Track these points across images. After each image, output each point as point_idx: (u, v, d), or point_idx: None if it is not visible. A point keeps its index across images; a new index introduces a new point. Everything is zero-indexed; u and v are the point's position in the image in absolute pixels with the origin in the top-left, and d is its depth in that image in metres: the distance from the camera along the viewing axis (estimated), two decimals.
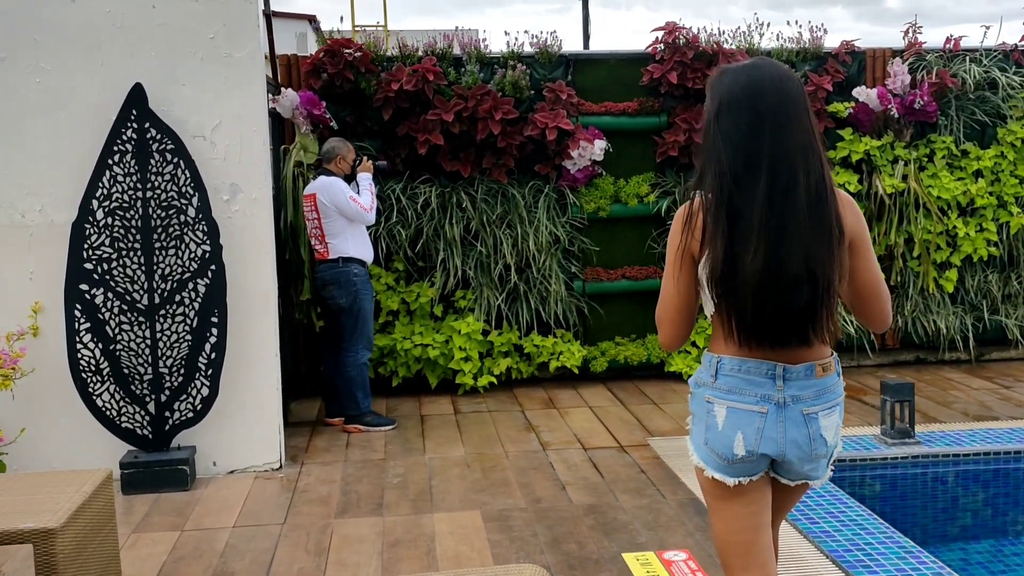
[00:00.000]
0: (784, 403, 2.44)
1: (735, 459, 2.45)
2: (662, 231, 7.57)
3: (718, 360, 2.49)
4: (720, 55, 7.20)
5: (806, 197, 2.36)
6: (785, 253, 2.34)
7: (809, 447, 2.45)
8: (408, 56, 7.23)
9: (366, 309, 6.21)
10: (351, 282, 6.13)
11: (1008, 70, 7.67)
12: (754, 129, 2.38)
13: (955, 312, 7.69)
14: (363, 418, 6.30)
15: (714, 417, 2.48)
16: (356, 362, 6.22)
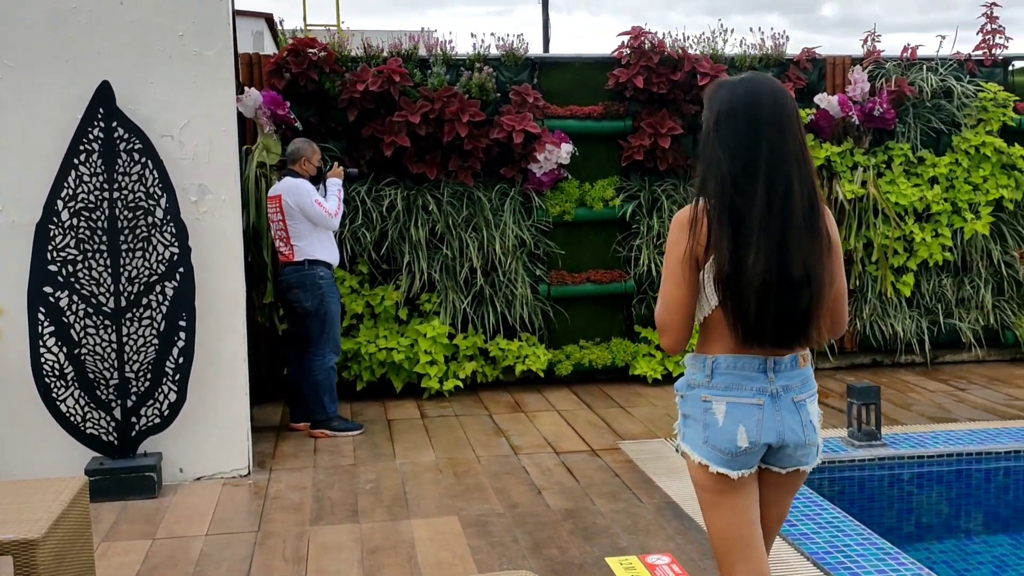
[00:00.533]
0: (777, 394, 2.56)
1: (739, 452, 2.54)
2: (627, 235, 7.60)
3: (713, 360, 2.57)
4: (685, 60, 7.25)
5: (801, 204, 2.48)
6: (786, 257, 2.45)
7: (803, 432, 2.57)
8: (373, 57, 7.17)
9: (332, 312, 6.12)
10: (317, 285, 6.04)
11: (963, 79, 7.83)
12: (752, 138, 2.48)
13: (911, 316, 7.84)
14: (330, 423, 6.21)
15: (713, 415, 2.57)
16: (323, 366, 6.13)
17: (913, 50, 7.79)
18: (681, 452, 2.68)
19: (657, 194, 7.51)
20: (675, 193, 7.50)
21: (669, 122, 7.28)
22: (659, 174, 7.53)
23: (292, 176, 6.11)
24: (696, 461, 2.60)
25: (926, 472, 5.64)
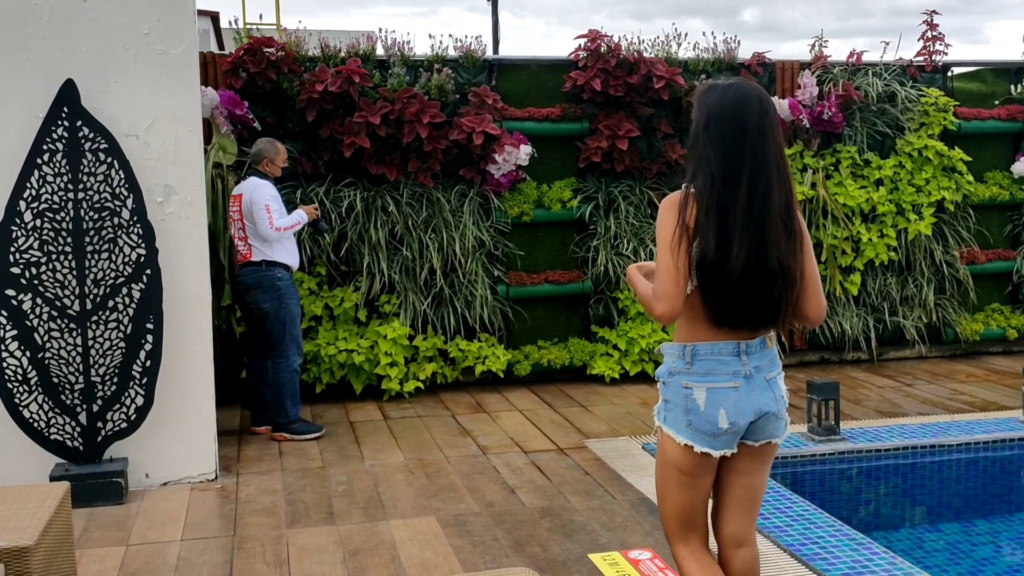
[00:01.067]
0: (750, 375, 2.78)
1: (720, 432, 2.76)
2: (584, 235, 7.67)
3: (692, 348, 2.78)
4: (642, 63, 7.35)
5: (778, 204, 2.71)
6: (764, 251, 2.69)
7: (776, 406, 2.80)
8: (330, 57, 7.13)
9: (293, 313, 6.05)
10: (275, 286, 5.97)
11: (906, 84, 8.07)
12: (738, 141, 2.71)
13: (858, 314, 8.05)
14: (290, 426, 6.15)
15: (695, 400, 2.77)
16: (287, 368, 6.06)
17: (859, 55, 8.01)
18: (659, 434, 2.89)
19: (614, 195, 7.59)
20: (631, 194, 7.60)
21: (626, 124, 7.37)
22: (615, 175, 7.62)
23: (258, 176, 6.03)
24: (681, 443, 2.79)
25: (883, 465, 5.81)
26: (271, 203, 5.91)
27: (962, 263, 8.23)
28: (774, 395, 2.79)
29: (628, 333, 7.54)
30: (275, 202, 5.95)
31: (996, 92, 8.49)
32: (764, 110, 2.73)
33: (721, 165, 2.69)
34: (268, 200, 5.90)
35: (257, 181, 6.00)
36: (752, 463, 2.88)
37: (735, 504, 2.92)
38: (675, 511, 2.89)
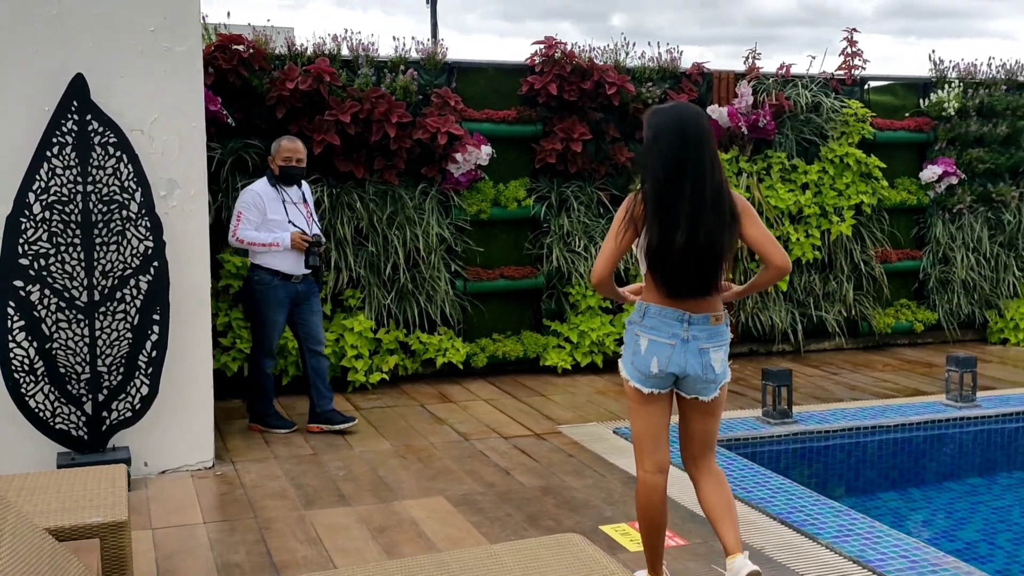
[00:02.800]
0: (687, 340, 3.51)
1: (650, 375, 3.54)
2: (538, 233, 8.03)
3: (646, 307, 3.57)
4: (594, 70, 7.75)
5: (711, 195, 3.44)
6: (698, 234, 3.41)
7: (702, 371, 3.53)
8: (298, 55, 7.28)
9: (265, 317, 6.01)
10: (251, 289, 6.01)
11: (829, 96, 8.71)
12: (681, 148, 3.44)
13: (786, 308, 8.65)
14: (264, 419, 6.27)
15: (639, 345, 3.56)
16: (256, 369, 6.16)
17: (788, 68, 8.61)
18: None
19: (565, 195, 7.97)
20: (581, 194, 7.99)
21: (579, 128, 7.76)
22: (567, 176, 7.99)
23: (268, 178, 6.04)
24: (624, 376, 3.64)
25: (832, 444, 6.35)
26: (243, 211, 5.91)
27: (877, 262, 8.93)
28: (701, 362, 3.52)
29: (579, 326, 7.93)
30: (249, 210, 5.90)
31: (906, 105, 9.24)
32: (700, 123, 3.48)
33: (666, 170, 3.43)
34: (241, 207, 5.93)
35: (256, 185, 6.02)
36: (694, 414, 3.66)
37: (692, 442, 3.72)
38: (636, 435, 3.68)
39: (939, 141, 9.11)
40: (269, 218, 5.92)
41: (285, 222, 5.95)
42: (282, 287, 5.99)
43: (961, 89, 9.04)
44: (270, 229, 5.92)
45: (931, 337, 9.41)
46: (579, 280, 7.93)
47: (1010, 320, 9.36)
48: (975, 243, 9.22)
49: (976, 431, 6.70)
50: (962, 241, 9.19)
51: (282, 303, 6.03)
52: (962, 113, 9.07)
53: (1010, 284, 9.37)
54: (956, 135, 9.09)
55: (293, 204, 6.00)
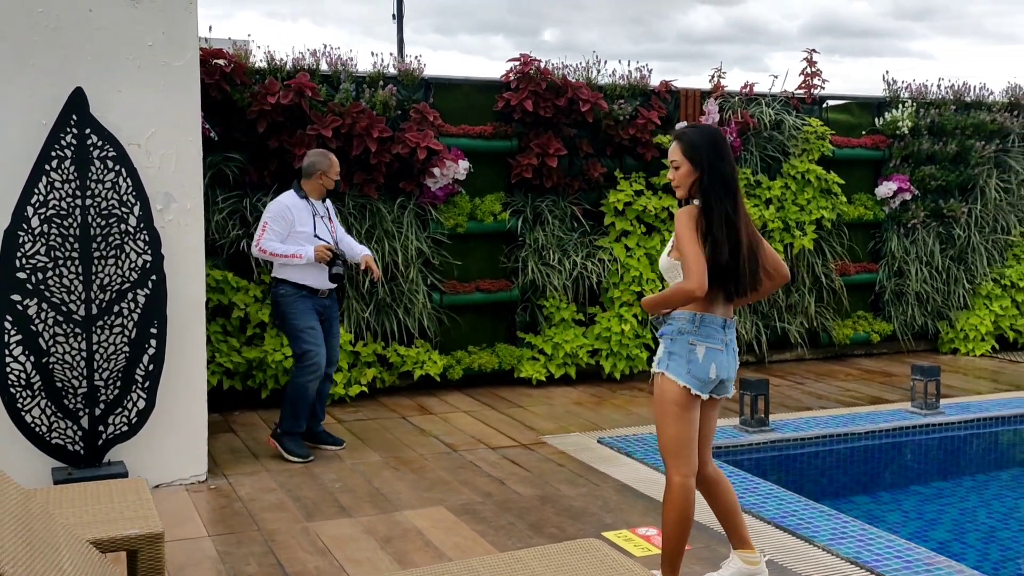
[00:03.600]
0: (727, 343, 3.82)
1: (709, 380, 3.76)
2: (513, 247, 8.15)
3: (701, 316, 3.76)
4: (568, 87, 7.90)
5: (743, 212, 3.79)
6: (748, 249, 3.75)
7: (732, 373, 3.84)
8: (277, 70, 7.31)
9: (296, 327, 5.84)
10: (277, 303, 5.92)
11: (791, 113, 8.98)
12: (730, 166, 3.77)
13: (752, 320, 8.88)
14: (282, 439, 5.99)
15: (695, 354, 3.74)
16: (293, 379, 5.91)
17: (751, 87, 8.86)
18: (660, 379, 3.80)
19: (540, 209, 8.11)
20: (556, 208, 8.13)
21: (555, 143, 7.90)
22: (541, 191, 8.13)
23: (296, 191, 5.97)
24: (681, 385, 3.74)
25: (808, 451, 6.56)
26: (270, 222, 5.81)
27: (837, 275, 9.21)
28: (736, 363, 3.87)
29: (553, 339, 8.06)
30: (276, 221, 5.80)
31: (862, 123, 9.57)
32: (729, 145, 3.93)
33: (726, 186, 3.73)
34: (268, 217, 5.84)
35: (284, 197, 5.95)
36: (710, 412, 3.94)
37: (707, 442, 3.97)
38: (671, 442, 3.78)
39: (894, 158, 9.45)
40: (298, 230, 5.84)
41: (312, 235, 5.88)
42: (310, 299, 5.91)
43: (914, 109, 9.39)
44: (296, 241, 5.83)
45: (886, 348, 9.72)
46: (553, 293, 8.06)
47: (960, 331, 9.72)
48: (928, 257, 9.56)
49: (941, 437, 6.97)
50: (916, 255, 9.53)
51: (311, 310, 5.90)
52: (915, 132, 9.42)
53: (960, 296, 9.73)
54: (909, 153, 9.44)
55: (321, 218, 5.97)
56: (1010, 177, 9.85)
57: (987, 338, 9.71)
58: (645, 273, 8.20)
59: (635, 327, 8.18)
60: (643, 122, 8.24)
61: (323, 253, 5.80)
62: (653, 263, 8.31)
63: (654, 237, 8.37)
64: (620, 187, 8.29)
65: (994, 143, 9.77)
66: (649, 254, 8.31)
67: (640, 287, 8.19)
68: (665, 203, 8.34)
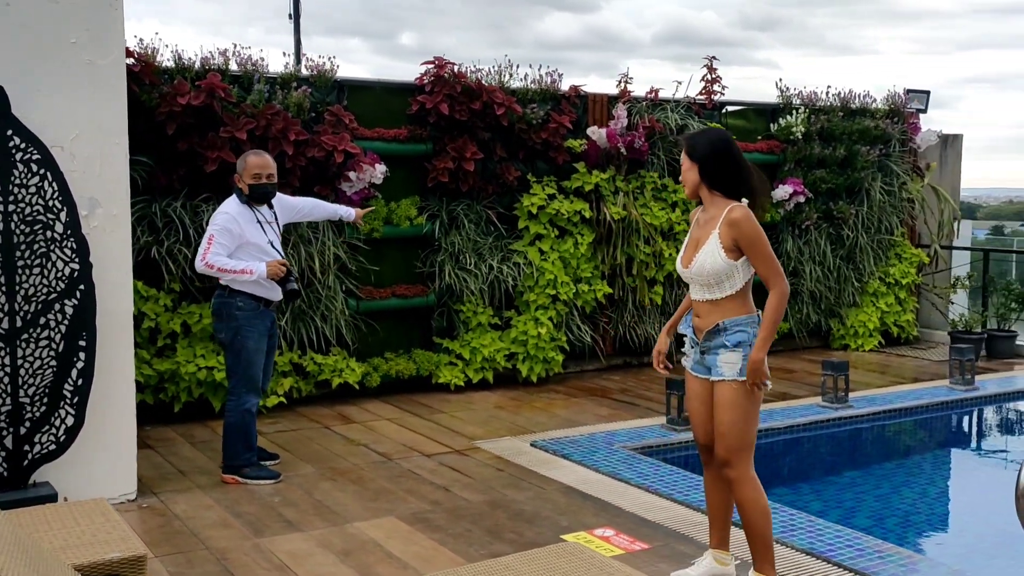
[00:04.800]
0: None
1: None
2: (428, 251, 8.07)
3: (755, 318, 3.87)
4: (483, 91, 7.88)
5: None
6: None
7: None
8: (185, 69, 7.04)
9: (250, 348, 5.50)
10: (232, 316, 5.47)
11: (694, 119, 9.19)
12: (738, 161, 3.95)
13: (660, 321, 9.04)
14: (241, 469, 5.62)
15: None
16: (237, 408, 5.53)
17: (656, 92, 9.04)
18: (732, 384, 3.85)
19: (456, 213, 8.05)
20: (471, 212, 8.09)
21: (471, 147, 7.86)
22: (456, 195, 8.08)
23: (236, 194, 5.61)
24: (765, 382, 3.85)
25: None
26: (216, 234, 5.36)
27: None
28: None
29: (471, 343, 8.02)
30: (223, 234, 5.37)
31: (758, 129, 9.88)
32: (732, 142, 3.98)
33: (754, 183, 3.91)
34: (214, 230, 5.39)
35: (226, 205, 5.56)
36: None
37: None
38: (750, 442, 3.90)
39: (788, 162, 9.79)
40: (250, 242, 5.49)
41: (266, 244, 5.56)
42: (267, 315, 5.63)
43: (807, 115, 9.75)
44: (251, 253, 5.48)
45: (781, 345, 10.06)
46: (470, 297, 8.02)
47: (850, 327, 10.16)
48: (820, 257, 9.95)
49: (851, 429, 7.26)
50: (809, 255, 9.90)
51: (264, 333, 5.61)
52: (807, 137, 9.79)
53: (850, 294, 10.16)
54: (802, 157, 9.80)
55: (268, 224, 5.64)
56: (892, 180, 10.35)
57: (874, 334, 10.17)
58: (560, 276, 8.25)
59: (551, 330, 8.22)
60: (555, 126, 8.29)
61: (277, 269, 5.47)
62: (567, 266, 8.37)
63: (567, 240, 8.43)
64: (533, 191, 8.32)
65: (878, 148, 10.24)
66: (563, 257, 8.37)
67: (555, 290, 8.24)
68: (577, 207, 8.42)
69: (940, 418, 7.83)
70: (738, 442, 3.86)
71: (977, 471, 7.10)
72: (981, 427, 8.03)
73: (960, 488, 6.65)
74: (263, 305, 5.59)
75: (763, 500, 3.88)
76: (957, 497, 6.42)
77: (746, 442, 3.88)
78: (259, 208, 5.64)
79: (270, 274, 5.45)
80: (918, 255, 10.49)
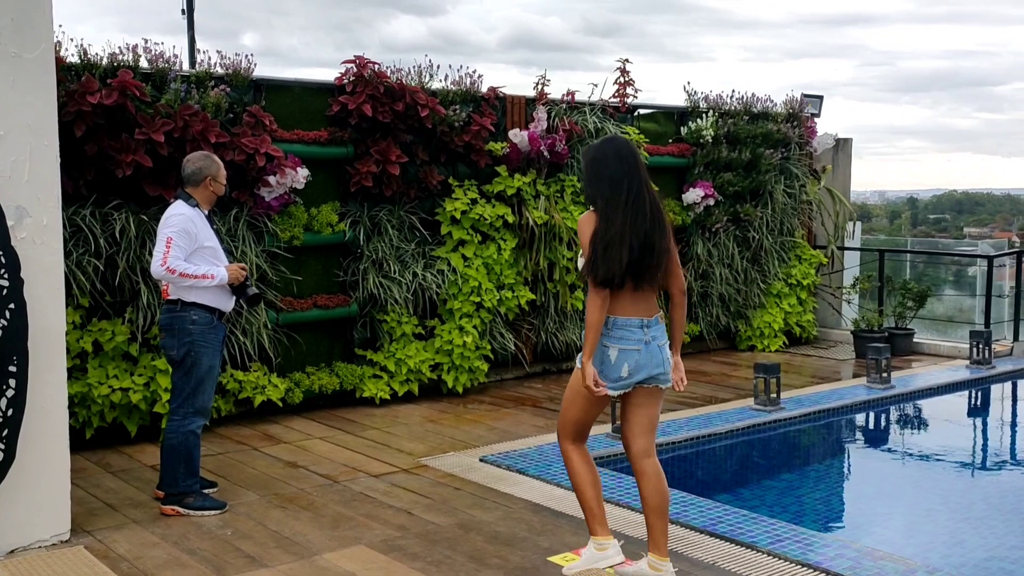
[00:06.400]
0: (648, 342, 4.02)
1: (620, 379, 4.01)
2: (349, 259, 7.70)
3: (613, 320, 3.98)
4: (405, 92, 7.57)
5: (649, 204, 4.00)
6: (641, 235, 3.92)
7: (663, 365, 4.07)
8: (93, 66, 6.48)
9: (203, 366, 5.15)
10: (186, 331, 5.09)
11: (609, 121, 9.11)
12: (619, 169, 4.00)
13: (582, 327, 8.92)
14: (183, 499, 5.19)
15: (608, 355, 3.99)
16: (180, 429, 5.18)
17: (572, 95, 8.92)
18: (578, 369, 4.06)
19: (378, 219, 7.71)
20: (392, 218, 7.77)
21: (395, 150, 7.54)
22: (377, 200, 7.74)
23: (184, 200, 5.24)
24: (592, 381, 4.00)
25: (679, 455, 6.66)
26: (175, 236, 5.01)
27: None
28: (663, 357, 4.06)
29: (395, 354, 7.70)
30: (181, 237, 5.02)
31: (667, 132, 9.90)
32: (631, 149, 4.08)
33: (606, 189, 3.98)
34: (172, 232, 5.02)
35: (177, 208, 5.16)
36: (648, 399, 4.13)
37: (640, 428, 4.14)
38: (573, 422, 4.15)
39: (698, 165, 9.84)
40: (205, 245, 5.13)
41: (219, 249, 5.23)
42: (220, 328, 5.26)
43: (715, 118, 9.83)
44: (205, 258, 5.13)
45: (691, 348, 10.11)
46: (394, 306, 7.70)
47: (756, 329, 10.30)
48: (729, 259, 10.05)
49: (786, 431, 7.31)
50: (719, 258, 9.98)
51: (217, 349, 5.26)
52: (715, 140, 9.86)
53: (756, 296, 10.31)
54: (711, 160, 9.87)
55: (214, 230, 5.29)
56: (793, 183, 10.56)
57: (779, 334, 10.35)
58: (484, 283, 8.02)
59: (476, 339, 7.98)
60: (477, 128, 8.06)
61: (237, 273, 5.19)
62: (491, 272, 8.15)
63: (490, 246, 8.21)
64: (455, 195, 8.07)
65: (779, 151, 10.42)
66: (487, 263, 8.14)
67: (479, 297, 8.00)
68: (499, 211, 8.20)
69: (869, 416, 7.98)
70: (560, 417, 4.22)
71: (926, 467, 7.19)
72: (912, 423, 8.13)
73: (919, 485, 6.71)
74: (217, 318, 5.22)
75: (578, 475, 4.20)
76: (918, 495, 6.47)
77: (563, 419, 4.18)
78: (205, 212, 5.31)
79: (231, 279, 5.14)
80: (817, 256, 10.74)
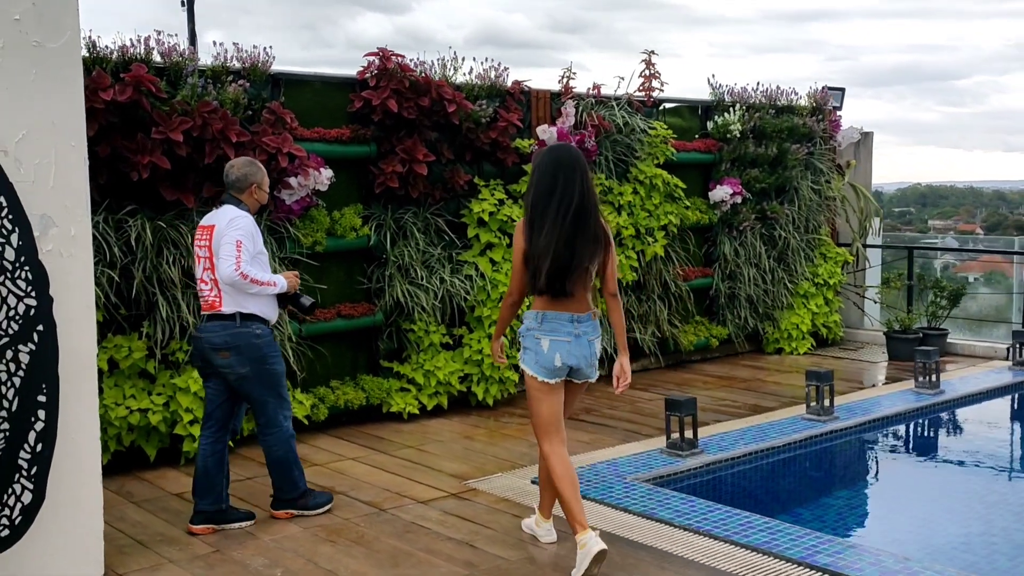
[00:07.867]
0: (579, 335, 4.33)
1: (554, 368, 4.31)
2: (374, 265, 7.23)
3: (543, 314, 4.32)
4: (431, 86, 7.11)
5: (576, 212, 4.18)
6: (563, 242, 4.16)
7: (591, 359, 4.40)
8: (103, 60, 5.97)
9: (278, 372, 4.97)
10: (254, 346, 4.82)
11: (636, 116, 8.68)
12: (553, 179, 4.22)
13: (607, 330, 8.49)
14: (299, 501, 5.14)
15: (541, 346, 4.31)
16: (282, 436, 5.00)
17: (599, 88, 8.49)
18: (520, 370, 4.46)
19: (403, 222, 7.24)
20: (418, 221, 7.31)
21: (422, 148, 7.08)
22: (402, 202, 7.27)
23: (235, 205, 4.85)
24: (531, 375, 4.35)
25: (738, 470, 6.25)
26: (244, 240, 4.74)
27: (680, 281, 9.05)
28: (591, 351, 4.38)
29: (424, 366, 7.24)
30: (249, 241, 4.78)
31: (693, 127, 9.50)
32: (573, 158, 4.27)
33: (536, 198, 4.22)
34: (241, 235, 4.74)
35: (234, 211, 4.82)
36: (574, 394, 4.56)
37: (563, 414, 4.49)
38: (540, 420, 4.39)
39: (724, 161, 9.45)
40: (263, 251, 4.95)
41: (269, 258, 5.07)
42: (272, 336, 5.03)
43: (742, 112, 9.43)
44: (261, 266, 4.89)
45: (719, 352, 9.72)
46: (421, 315, 7.23)
47: (784, 331, 9.92)
48: (756, 259, 9.66)
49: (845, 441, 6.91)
50: (746, 258, 9.60)
51: (280, 352, 5.11)
52: (742, 135, 9.47)
53: (783, 296, 9.93)
54: (737, 156, 9.48)
55: None
56: (819, 178, 10.19)
57: (807, 336, 9.98)
58: None
59: (505, 348, 7.51)
60: (504, 125, 7.61)
61: (295, 280, 5.05)
62: None
63: None
64: (482, 196, 7.61)
65: (805, 146, 10.05)
66: None
67: None
68: None
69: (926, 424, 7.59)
70: (533, 423, 4.48)
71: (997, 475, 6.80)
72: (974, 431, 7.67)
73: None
74: (270, 327, 4.99)
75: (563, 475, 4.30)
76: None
77: (536, 424, 4.43)
78: None
79: (291, 286, 5.01)
80: (842, 254, 10.38)
